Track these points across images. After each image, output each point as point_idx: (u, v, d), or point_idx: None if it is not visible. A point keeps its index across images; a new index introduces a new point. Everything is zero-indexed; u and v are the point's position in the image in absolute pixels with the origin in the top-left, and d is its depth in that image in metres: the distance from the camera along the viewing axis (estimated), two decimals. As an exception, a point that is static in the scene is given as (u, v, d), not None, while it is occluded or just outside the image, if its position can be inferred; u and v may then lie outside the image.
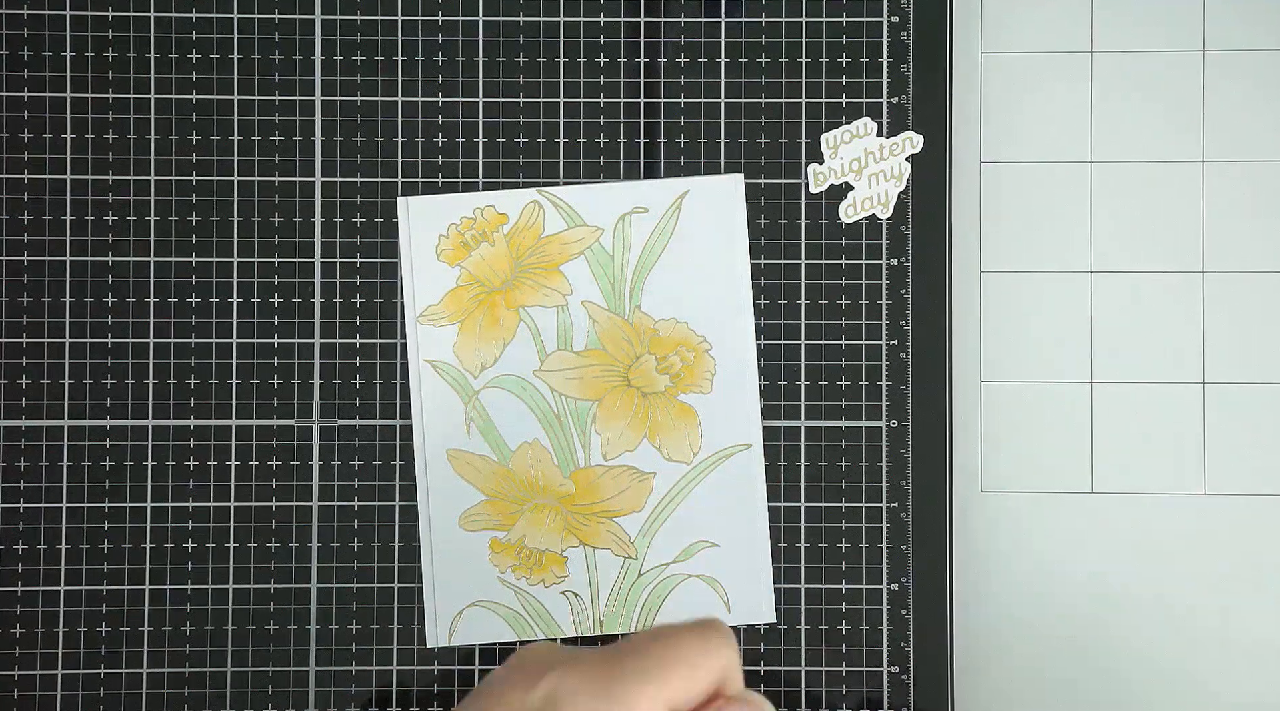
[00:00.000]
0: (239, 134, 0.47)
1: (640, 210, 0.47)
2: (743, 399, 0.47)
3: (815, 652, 0.47)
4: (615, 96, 0.47)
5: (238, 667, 0.46)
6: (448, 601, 0.46)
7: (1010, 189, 0.48)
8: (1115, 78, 0.48)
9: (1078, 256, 0.48)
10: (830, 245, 0.47)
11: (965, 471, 0.47)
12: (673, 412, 0.47)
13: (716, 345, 0.47)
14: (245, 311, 0.47)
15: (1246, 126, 0.47)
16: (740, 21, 0.47)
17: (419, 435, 0.47)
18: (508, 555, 0.46)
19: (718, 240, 0.47)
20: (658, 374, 0.47)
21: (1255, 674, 0.47)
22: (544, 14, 0.47)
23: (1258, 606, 0.47)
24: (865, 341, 0.47)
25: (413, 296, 0.47)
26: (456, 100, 0.47)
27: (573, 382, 0.47)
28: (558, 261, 0.47)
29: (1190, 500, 0.47)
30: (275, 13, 0.47)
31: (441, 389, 0.47)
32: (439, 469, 0.47)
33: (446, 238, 0.47)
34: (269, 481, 0.47)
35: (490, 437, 0.47)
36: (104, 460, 0.47)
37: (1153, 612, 0.47)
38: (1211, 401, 0.47)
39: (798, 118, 0.47)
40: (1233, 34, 0.48)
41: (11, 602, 0.46)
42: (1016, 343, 0.48)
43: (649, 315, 0.47)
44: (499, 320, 0.47)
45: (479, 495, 0.47)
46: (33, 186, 0.47)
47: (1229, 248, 0.47)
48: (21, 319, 0.47)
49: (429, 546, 0.46)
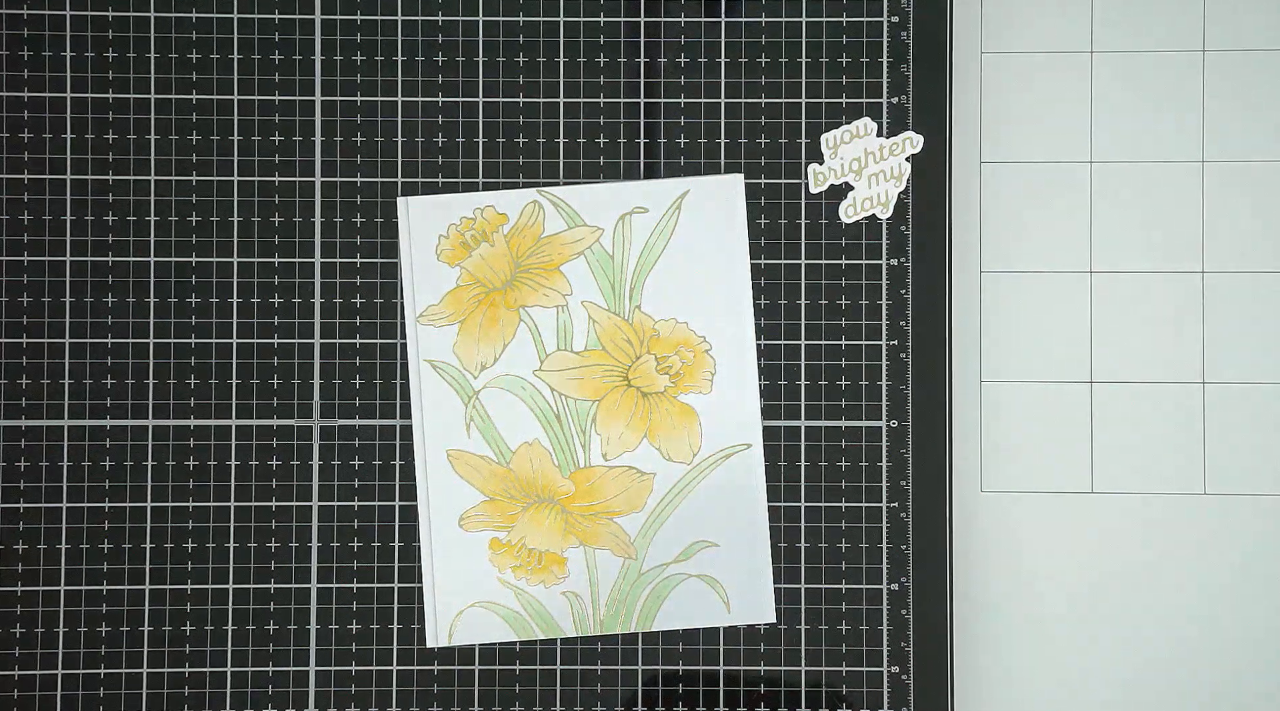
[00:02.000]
0: (239, 134, 0.47)
1: (640, 210, 0.47)
2: (743, 399, 0.47)
3: (815, 652, 0.47)
4: (615, 96, 0.47)
5: (238, 667, 0.46)
6: (447, 601, 0.46)
7: (1010, 189, 0.48)
8: (1115, 78, 0.48)
9: (1078, 256, 0.48)
10: (830, 245, 0.47)
11: (965, 471, 0.47)
12: (673, 413, 0.47)
13: (716, 345, 0.47)
14: (245, 311, 0.47)
15: (1246, 126, 0.47)
16: (740, 21, 0.47)
17: (419, 435, 0.47)
18: (508, 555, 0.46)
19: (718, 240, 0.47)
20: (658, 374, 0.47)
21: (1255, 674, 0.47)
22: (544, 14, 0.47)
23: (1257, 606, 0.47)
24: (865, 341, 0.47)
25: (413, 296, 0.47)
26: (456, 100, 0.47)
27: (573, 383, 0.47)
28: (558, 261, 0.47)
29: (1190, 500, 0.47)
30: (275, 13, 0.47)
31: (441, 389, 0.47)
32: (439, 469, 0.47)
33: (446, 238, 0.47)
34: (269, 481, 0.47)
35: (490, 438, 0.47)
36: (104, 460, 0.47)
37: (1152, 612, 0.47)
38: (1211, 401, 0.47)
39: (798, 118, 0.47)
40: (1233, 34, 0.48)
41: (11, 602, 0.46)
42: (1016, 343, 0.48)
43: (649, 315, 0.47)
44: (499, 320, 0.47)
45: (479, 495, 0.47)
46: (33, 186, 0.47)
47: (1229, 248, 0.47)
48: (21, 319, 0.47)
49: (429, 546, 0.46)
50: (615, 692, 0.47)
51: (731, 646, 0.47)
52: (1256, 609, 0.47)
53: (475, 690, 0.46)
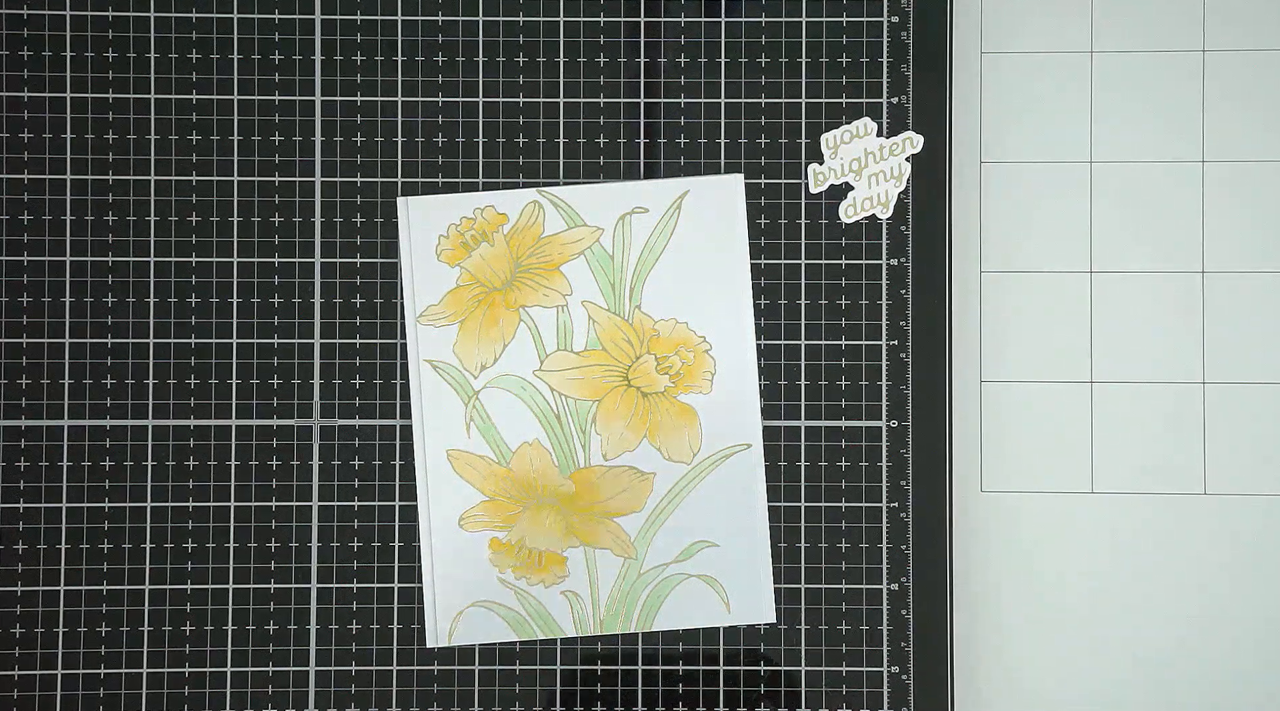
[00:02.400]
0: (239, 134, 0.47)
1: (640, 210, 0.47)
2: (743, 399, 0.47)
3: (815, 652, 0.47)
4: (615, 96, 0.47)
5: (238, 667, 0.46)
6: (448, 601, 0.46)
7: (1010, 189, 0.48)
8: (1115, 78, 0.48)
9: (1078, 256, 0.48)
10: (830, 245, 0.47)
11: (965, 471, 0.47)
12: (673, 412, 0.47)
13: (716, 345, 0.47)
14: (245, 311, 0.47)
15: (1246, 126, 0.47)
16: (740, 21, 0.47)
17: (419, 435, 0.47)
18: (508, 555, 0.46)
19: (718, 240, 0.47)
20: (658, 374, 0.47)
21: (1255, 674, 0.47)
22: (544, 14, 0.47)
23: (1257, 606, 0.47)
24: (865, 341, 0.47)
25: (413, 296, 0.47)
26: (456, 100, 0.47)
27: (573, 383, 0.47)
28: (558, 261, 0.47)
29: (1190, 500, 0.47)
30: (275, 13, 0.47)
31: (441, 389, 0.47)
32: (439, 469, 0.47)
33: (446, 238, 0.47)
34: (269, 481, 0.47)
35: (490, 438, 0.47)
36: (104, 460, 0.47)
37: (1152, 612, 0.47)
38: (1211, 401, 0.47)
39: (798, 118, 0.47)
40: (1233, 34, 0.48)
41: (11, 602, 0.46)
42: (1016, 343, 0.48)
43: (649, 315, 0.47)
44: (499, 320, 0.47)
45: (479, 495, 0.47)
46: (33, 186, 0.47)
47: (1229, 248, 0.47)
48: (21, 319, 0.47)
49: (429, 546, 0.46)
50: (615, 692, 0.46)
51: (731, 646, 0.47)
52: (1257, 609, 0.47)
53: (475, 690, 0.46)
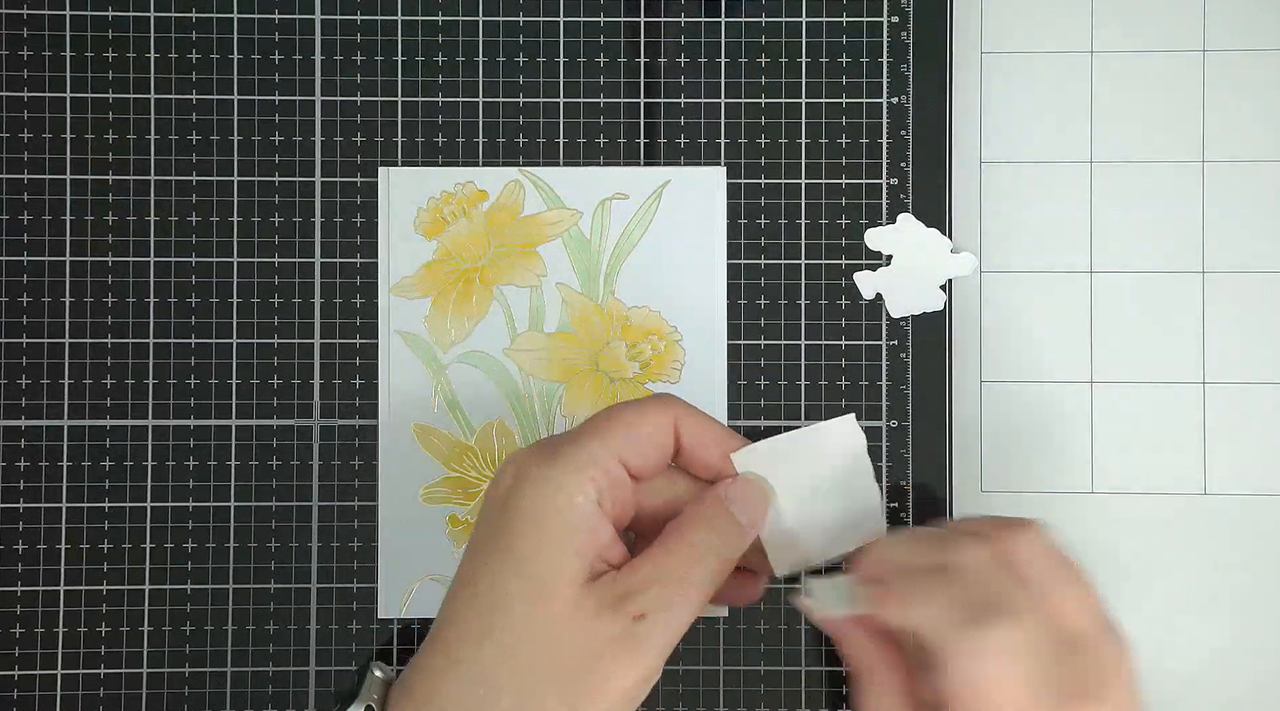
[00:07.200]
0: (239, 134, 0.47)
1: (621, 196, 0.47)
2: (710, 390, 0.47)
3: (815, 652, 0.46)
4: (615, 96, 0.47)
5: (238, 667, 0.46)
6: (401, 573, 0.46)
7: (1010, 189, 0.48)
8: (1115, 78, 0.48)
9: (1078, 256, 0.48)
10: (831, 245, 0.47)
11: (965, 471, 0.47)
12: None
13: (688, 335, 0.47)
14: (245, 311, 0.47)
15: (1246, 126, 0.47)
16: (740, 21, 0.47)
17: (384, 406, 0.47)
18: (466, 531, 0.46)
19: (696, 231, 0.47)
20: (627, 360, 0.47)
21: (1255, 674, 0.47)
22: (544, 14, 0.47)
23: (1258, 606, 0.47)
24: (865, 341, 0.47)
25: (387, 266, 0.47)
26: (456, 100, 0.47)
27: (542, 364, 0.47)
28: (535, 242, 0.47)
29: (1190, 500, 0.47)
30: (275, 13, 0.47)
31: (410, 361, 0.47)
32: (403, 441, 0.46)
33: (425, 211, 0.47)
34: (269, 481, 0.47)
35: (456, 414, 0.47)
36: (104, 460, 0.47)
37: (1152, 612, 0.47)
38: (1211, 401, 0.47)
39: (798, 118, 0.47)
40: (1233, 34, 0.48)
41: (11, 602, 0.46)
42: (1016, 343, 0.48)
43: (622, 301, 0.47)
44: (472, 296, 0.47)
45: (442, 470, 0.47)
46: (33, 186, 0.47)
47: (1229, 248, 0.47)
48: (21, 319, 0.47)
49: (388, 517, 0.46)
50: (615, 692, 0.46)
51: (731, 646, 0.47)
52: (1257, 609, 0.47)
53: (475, 690, 0.46)
